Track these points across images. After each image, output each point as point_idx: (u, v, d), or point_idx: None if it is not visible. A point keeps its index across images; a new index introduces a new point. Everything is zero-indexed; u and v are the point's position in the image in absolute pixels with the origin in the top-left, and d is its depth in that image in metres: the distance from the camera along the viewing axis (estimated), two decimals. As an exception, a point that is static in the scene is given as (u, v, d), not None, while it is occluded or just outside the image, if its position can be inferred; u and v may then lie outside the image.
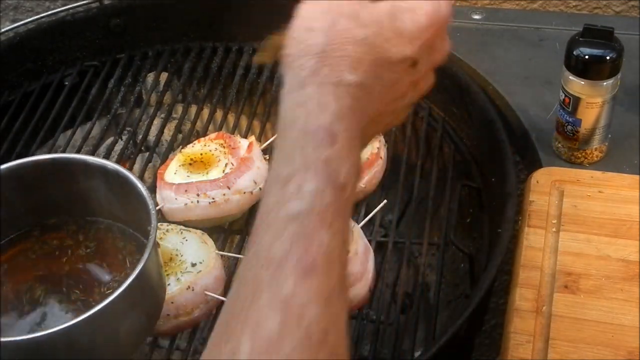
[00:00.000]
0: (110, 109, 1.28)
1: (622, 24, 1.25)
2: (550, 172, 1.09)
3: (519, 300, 0.94)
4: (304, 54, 0.63)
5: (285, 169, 0.60)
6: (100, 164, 0.88)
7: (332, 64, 0.62)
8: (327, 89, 0.61)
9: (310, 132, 0.60)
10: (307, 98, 0.61)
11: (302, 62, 0.63)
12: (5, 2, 1.68)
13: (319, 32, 0.64)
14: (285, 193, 0.59)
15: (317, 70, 0.62)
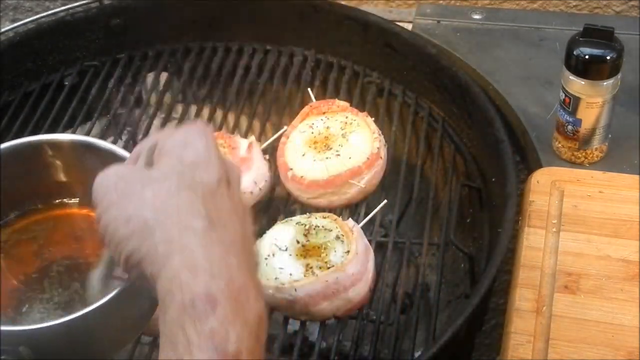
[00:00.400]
0: (110, 109, 1.28)
1: (622, 24, 1.26)
2: (551, 172, 1.09)
3: (519, 300, 0.94)
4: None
5: (171, 357, 0.55)
6: (109, 149, 0.87)
7: (173, 223, 0.61)
8: (188, 248, 0.59)
9: (187, 306, 0.55)
10: (174, 272, 0.57)
11: (153, 242, 0.61)
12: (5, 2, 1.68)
13: (142, 210, 0.63)
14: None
15: (168, 239, 0.60)
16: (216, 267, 0.57)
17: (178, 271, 0.57)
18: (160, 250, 0.59)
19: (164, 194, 0.61)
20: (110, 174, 0.66)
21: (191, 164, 0.63)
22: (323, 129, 1.12)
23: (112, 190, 0.64)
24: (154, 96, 1.31)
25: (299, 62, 1.31)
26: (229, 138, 1.11)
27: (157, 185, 0.62)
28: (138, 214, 0.61)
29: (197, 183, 0.62)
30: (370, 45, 1.28)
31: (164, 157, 0.65)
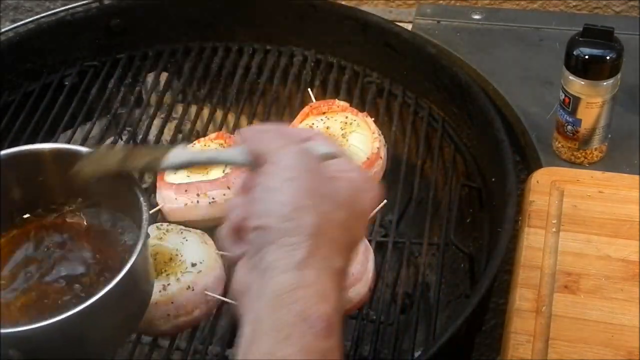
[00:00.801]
0: (110, 109, 1.28)
1: (622, 24, 1.25)
2: (550, 172, 1.09)
3: (519, 300, 0.94)
4: (296, 233, 0.62)
5: (283, 350, 0.59)
6: None
7: (325, 248, 0.63)
8: (326, 277, 0.62)
9: (310, 320, 0.59)
10: (308, 283, 0.61)
11: (296, 241, 0.62)
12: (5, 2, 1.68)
13: (308, 210, 0.63)
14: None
15: (313, 253, 0.62)
16: (341, 304, 0.63)
17: (311, 283, 0.62)
18: (283, 252, 0.62)
19: (328, 217, 0.64)
20: (304, 158, 0.66)
21: (358, 210, 0.67)
22: (323, 129, 1.12)
23: (299, 169, 0.65)
24: (154, 96, 1.31)
25: (299, 62, 1.31)
26: (229, 138, 1.11)
27: (330, 205, 0.64)
28: (299, 209, 0.63)
29: (354, 230, 0.66)
30: (370, 45, 1.28)
31: (342, 179, 0.66)
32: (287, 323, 0.59)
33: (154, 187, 1.09)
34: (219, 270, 0.98)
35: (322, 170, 0.66)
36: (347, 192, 0.66)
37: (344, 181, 0.66)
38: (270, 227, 0.63)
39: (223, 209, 1.04)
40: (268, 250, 0.62)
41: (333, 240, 0.63)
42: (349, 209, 0.65)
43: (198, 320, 0.96)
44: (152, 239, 0.99)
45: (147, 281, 0.86)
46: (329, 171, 0.66)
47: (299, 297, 0.60)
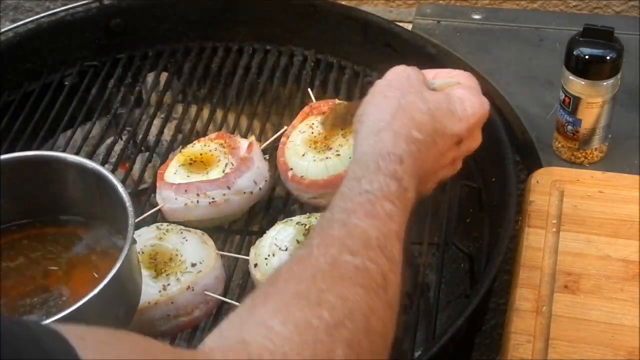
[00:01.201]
0: (110, 109, 1.28)
1: (622, 24, 1.26)
2: (550, 172, 1.09)
3: (519, 300, 0.94)
4: (380, 112, 0.81)
5: (360, 172, 0.75)
6: (78, 162, 0.88)
7: (403, 122, 0.79)
8: (400, 136, 0.78)
9: (383, 154, 0.76)
10: (383, 139, 0.78)
11: (379, 116, 0.80)
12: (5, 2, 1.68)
13: (393, 99, 0.82)
14: (359, 183, 0.74)
15: (391, 123, 0.79)
16: (412, 154, 0.78)
17: (386, 139, 0.78)
18: (382, 124, 0.79)
19: (419, 106, 0.81)
20: (407, 70, 0.85)
21: (451, 112, 0.82)
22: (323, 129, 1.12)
23: (398, 78, 0.85)
24: (154, 96, 1.31)
25: (299, 62, 1.31)
26: (229, 138, 1.11)
27: (422, 100, 0.81)
28: (396, 99, 0.81)
29: (443, 123, 0.81)
30: (370, 45, 1.28)
31: (444, 92, 0.84)
32: (366, 161, 0.76)
33: (154, 187, 1.09)
34: (219, 270, 0.98)
35: (422, 86, 0.83)
36: (438, 95, 0.83)
37: (442, 92, 0.84)
38: (366, 113, 0.82)
39: (223, 209, 1.05)
40: (360, 129, 0.81)
41: (412, 119, 0.79)
42: (437, 104, 0.81)
43: (198, 320, 0.96)
44: (152, 239, 0.99)
45: (134, 286, 0.86)
46: (442, 88, 0.85)
47: (375, 147, 0.77)
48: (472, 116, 0.83)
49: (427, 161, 0.80)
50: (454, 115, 0.82)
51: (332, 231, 0.70)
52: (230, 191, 1.03)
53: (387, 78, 0.86)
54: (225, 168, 1.06)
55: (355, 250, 0.68)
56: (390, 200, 0.74)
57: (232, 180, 1.04)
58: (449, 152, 0.84)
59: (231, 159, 1.07)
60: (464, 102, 0.83)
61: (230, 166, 1.06)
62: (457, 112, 0.82)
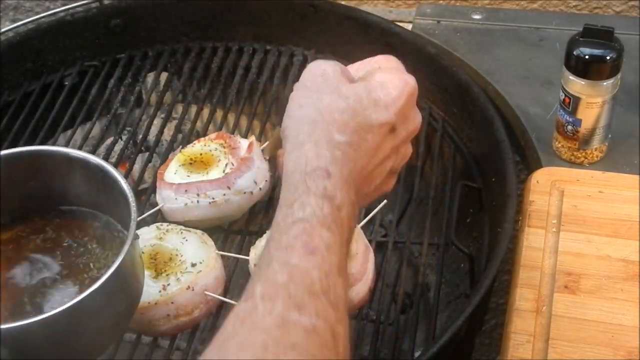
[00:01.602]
0: (110, 109, 1.28)
1: (622, 24, 1.26)
2: (550, 172, 1.09)
3: (519, 300, 0.94)
4: (298, 124, 0.76)
5: (291, 196, 0.71)
6: (82, 157, 0.87)
7: (322, 127, 0.75)
8: (321, 145, 0.74)
9: (309, 172, 0.72)
10: (306, 152, 0.74)
11: (298, 129, 0.76)
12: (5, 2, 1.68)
13: (309, 106, 0.77)
14: (292, 209, 0.71)
15: (310, 133, 0.75)
16: (338, 161, 0.74)
17: (308, 152, 0.74)
18: (302, 137, 0.75)
19: (337, 106, 0.76)
20: (322, 67, 0.80)
21: (374, 101, 0.77)
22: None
23: (313, 78, 0.79)
24: (154, 96, 1.31)
25: (299, 62, 1.31)
26: (229, 138, 1.11)
27: (340, 97, 0.77)
28: (313, 105, 0.77)
29: (367, 115, 0.76)
30: (370, 45, 1.28)
31: (364, 80, 0.79)
32: (294, 182, 0.72)
33: (154, 187, 1.09)
34: (219, 270, 0.98)
35: (339, 81, 0.78)
36: (357, 87, 0.77)
37: (361, 83, 0.78)
38: (286, 127, 0.77)
39: (223, 209, 1.05)
40: (285, 145, 0.77)
41: (333, 122, 0.75)
42: (357, 97, 0.76)
43: (198, 320, 0.96)
44: (152, 239, 0.99)
45: (136, 281, 0.86)
46: (363, 78, 0.79)
47: (299, 163, 0.73)
48: (399, 98, 0.78)
49: (359, 161, 0.75)
50: (378, 104, 0.77)
51: (274, 276, 0.66)
52: (230, 191, 1.03)
53: (302, 80, 0.80)
54: (225, 168, 1.06)
55: (301, 303, 0.65)
56: (326, 227, 0.70)
57: (232, 180, 1.04)
58: (384, 144, 0.78)
59: (231, 159, 1.07)
60: (386, 86, 0.78)
61: (230, 166, 1.06)
62: (381, 99, 0.77)
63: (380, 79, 0.78)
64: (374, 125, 0.76)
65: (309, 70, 0.80)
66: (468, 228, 1.14)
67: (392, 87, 0.78)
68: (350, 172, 0.74)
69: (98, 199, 0.89)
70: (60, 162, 0.88)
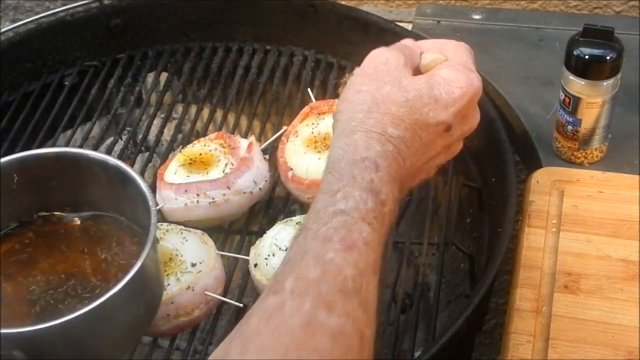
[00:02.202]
0: (110, 109, 1.28)
1: (622, 24, 1.26)
2: (550, 172, 1.09)
3: (519, 300, 0.94)
4: (352, 110, 0.74)
5: (335, 184, 0.69)
6: (101, 159, 0.88)
7: (377, 118, 0.73)
8: (373, 136, 0.72)
9: (357, 161, 0.70)
10: (356, 140, 0.71)
11: (351, 115, 0.74)
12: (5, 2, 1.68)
13: (366, 94, 0.75)
14: (334, 198, 0.68)
15: (364, 121, 0.73)
16: (388, 156, 0.72)
17: (358, 141, 0.72)
18: (354, 124, 0.73)
19: (395, 98, 0.74)
20: (385, 55, 0.79)
21: (434, 99, 0.75)
22: (323, 129, 1.12)
23: (375, 66, 0.78)
24: (154, 96, 1.31)
25: (299, 62, 1.31)
26: (229, 138, 1.11)
27: (400, 89, 0.75)
28: (370, 93, 0.75)
29: (424, 113, 0.74)
30: (370, 45, 1.28)
31: (428, 74, 0.77)
32: (339, 169, 0.70)
33: (154, 187, 1.09)
34: (219, 270, 0.98)
35: (402, 72, 0.76)
36: (419, 81, 0.75)
37: (425, 76, 0.76)
38: (339, 111, 0.75)
39: (223, 209, 1.05)
40: (335, 129, 0.75)
41: (388, 114, 0.73)
42: (417, 93, 0.74)
43: (198, 320, 0.96)
44: (152, 239, 0.99)
45: (157, 284, 0.86)
46: (427, 70, 0.78)
47: (347, 151, 0.71)
48: (460, 99, 0.76)
49: (409, 158, 0.74)
50: (438, 102, 0.75)
51: (307, 270, 0.64)
52: (230, 191, 1.03)
53: (364, 67, 0.79)
54: (225, 168, 1.06)
55: (331, 303, 0.62)
56: (367, 222, 0.67)
57: (232, 180, 1.04)
58: (436, 142, 0.77)
59: (231, 159, 1.07)
60: (450, 84, 0.76)
61: (230, 166, 1.06)
62: (442, 97, 0.75)
63: (445, 75, 0.76)
64: (430, 123, 0.75)
65: (371, 58, 0.79)
66: (468, 228, 1.14)
67: (456, 85, 0.76)
68: (399, 168, 0.72)
69: (116, 201, 0.89)
70: (80, 163, 0.88)
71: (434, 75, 0.76)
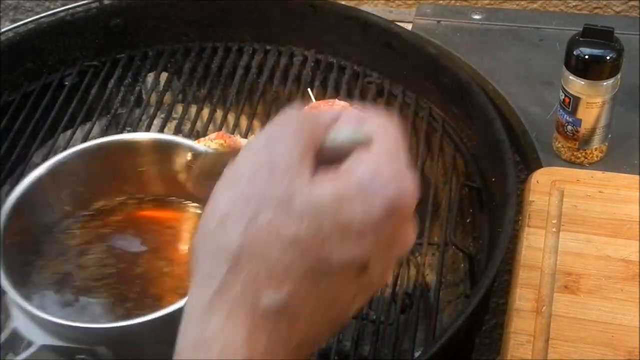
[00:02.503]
0: (110, 109, 1.28)
1: (622, 24, 1.25)
2: (550, 172, 1.09)
3: (519, 300, 0.94)
4: (211, 255, 0.48)
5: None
6: (173, 141, 0.86)
7: (247, 277, 0.47)
8: (238, 322, 0.46)
9: (214, 351, 0.46)
10: (211, 336, 0.46)
11: (209, 267, 0.48)
12: (5, 2, 1.68)
13: (234, 227, 0.47)
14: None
15: (226, 286, 0.47)
16: (265, 336, 0.48)
17: (213, 324, 0.48)
18: (211, 290, 0.48)
19: (281, 232, 0.47)
20: (272, 144, 0.49)
21: (343, 226, 0.47)
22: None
23: (255, 163, 0.49)
24: (154, 96, 1.31)
25: (299, 62, 1.31)
26: (229, 138, 1.11)
27: (290, 215, 0.47)
28: (242, 222, 0.48)
29: (325, 253, 0.47)
30: (370, 45, 1.28)
31: (337, 175, 0.48)
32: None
33: (154, 187, 1.09)
34: (219, 270, 0.97)
35: (297, 172, 0.48)
36: (320, 198, 0.47)
37: (339, 180, 0.48)
38: (195, 245, 0.49)
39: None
40: (191, 279, 0.49)
41: (266, 266, 0.47)
42: (316, 220, 0.47)
43: (198, 320, 0.96)
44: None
45: None
46: (338, 168, 0.49)
47: (204, 321, 0.47)
48: (386, 219, 0.48)
49: (303, 320, 0.48)
50: (348, 231, 0.47)
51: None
52: (230, 191, 1.03)
53: (238, 163, 0.51)
54: (225, 168, 1.05)
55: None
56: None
57: (232, 180, 1.03)
58: (348, 289, 0.49)
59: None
60: (370, 195, 0.47)
61: (230, 166, 1.06)
62: (355, 221, 0.47)
63: (364, 177, 0.48)
64: (334, 266, 0.48)
65: (250, 147, 0.51)
66: (468, 228, 1.14)
67: (380, 196, 0.48)
68: (286, 342, 0.48)
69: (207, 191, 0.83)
70: (169, 150, 0.84)
71: (347, 176, 0.48)
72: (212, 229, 0.48)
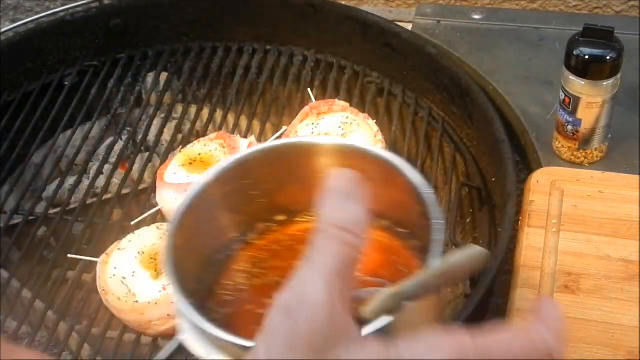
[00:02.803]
0: (110, 109, 1.28)
1: (622, 24, 1.25)
2: (550, 172, 1.09)
3: (519, 300, 0.94)
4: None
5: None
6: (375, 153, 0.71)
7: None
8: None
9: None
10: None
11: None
12: (5, 2, 1.68)
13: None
14: None
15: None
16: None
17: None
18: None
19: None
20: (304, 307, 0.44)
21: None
22: (323, 129, 1.12)
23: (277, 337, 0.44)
24: (154, 96, 1.31)
25: (299, 62, 1.31)
26: (228, 138, 1.11)
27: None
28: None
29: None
30: (370, 45, 1.28)
31: None
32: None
33: (154, 187, 1.09)
34: (219, 270, 0.97)
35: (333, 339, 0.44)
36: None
37: None
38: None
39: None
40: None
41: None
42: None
43: (198, 320, 0.96)
44: (152, 239, 0.99)
45: None
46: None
47: None
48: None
49: None
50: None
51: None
52: (230, 191, 1.03)
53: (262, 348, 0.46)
54: (225, 168, 1.05)
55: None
56: None
57: (232, 180, 1.04)
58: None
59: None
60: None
61: (230, 166, 1.06)
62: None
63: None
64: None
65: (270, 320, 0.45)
66: (468, 228, 1.14)
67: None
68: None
69: (392, 206, 0.71)
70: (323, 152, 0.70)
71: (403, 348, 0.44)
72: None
